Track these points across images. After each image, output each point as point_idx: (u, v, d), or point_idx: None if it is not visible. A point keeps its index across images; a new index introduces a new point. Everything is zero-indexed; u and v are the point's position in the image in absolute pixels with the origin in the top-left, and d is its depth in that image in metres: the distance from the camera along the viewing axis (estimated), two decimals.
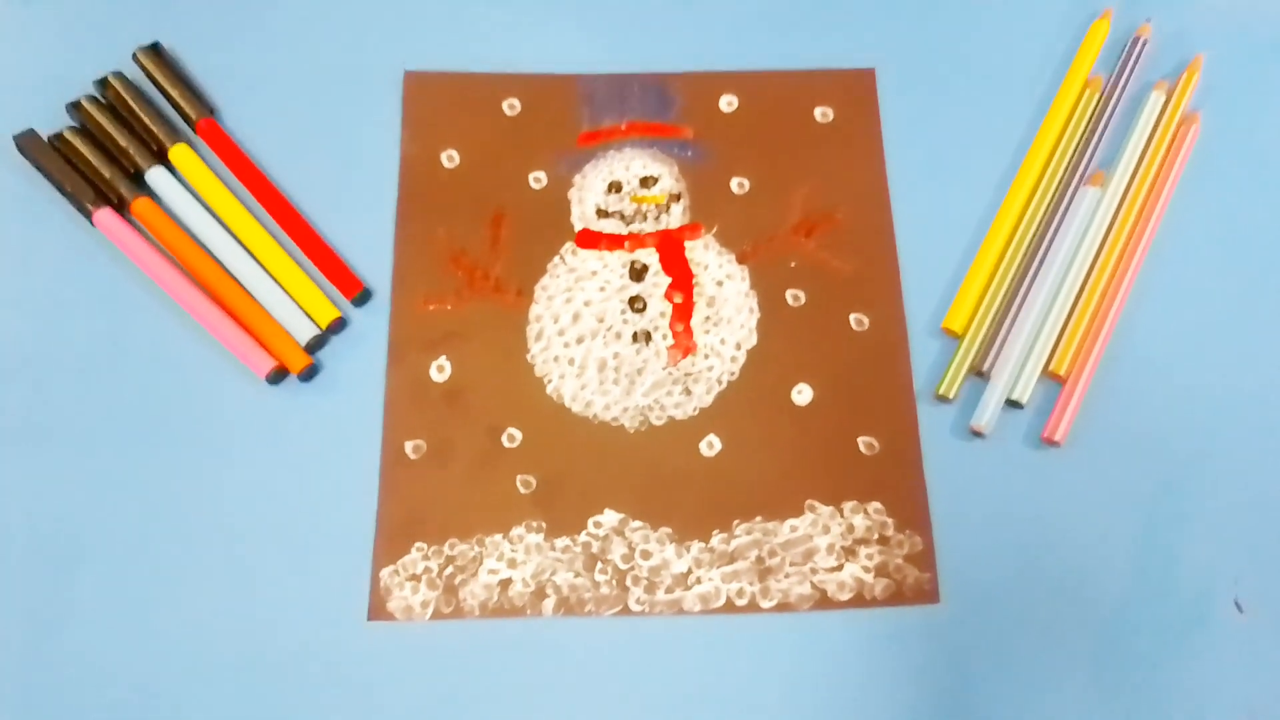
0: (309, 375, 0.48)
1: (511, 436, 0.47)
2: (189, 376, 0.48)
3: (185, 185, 0.52)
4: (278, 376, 0.48)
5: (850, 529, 0.46)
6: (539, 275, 0.50)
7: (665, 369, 0.49)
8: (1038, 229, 0.51)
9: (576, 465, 0.47)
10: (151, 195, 0.51)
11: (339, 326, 0.49)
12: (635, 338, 0.49)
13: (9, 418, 0.47)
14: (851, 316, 0.50)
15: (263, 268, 0.50)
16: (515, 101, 0.54)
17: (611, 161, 0.53)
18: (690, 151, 0.53)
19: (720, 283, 0.50)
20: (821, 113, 0.54)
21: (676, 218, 0.52)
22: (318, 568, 0.45)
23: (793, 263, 0.51)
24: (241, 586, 0.44)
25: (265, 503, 0.46)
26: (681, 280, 0.50)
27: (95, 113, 0.52)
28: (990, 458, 0.47)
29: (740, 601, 0.45)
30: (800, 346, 0.49)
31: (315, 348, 0.49)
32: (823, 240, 0.51)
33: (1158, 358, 0.49)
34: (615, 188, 0.52)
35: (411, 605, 0.44)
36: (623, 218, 0.52)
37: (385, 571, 0.45)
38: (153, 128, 0.52)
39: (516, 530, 0.46)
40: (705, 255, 0.51)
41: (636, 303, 0.50)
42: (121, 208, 0.51)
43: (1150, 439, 0.47)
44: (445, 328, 0.49)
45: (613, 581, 0.45)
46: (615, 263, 0.51)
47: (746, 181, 0.53)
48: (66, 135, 0.51)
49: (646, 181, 0.53)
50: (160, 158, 0.52)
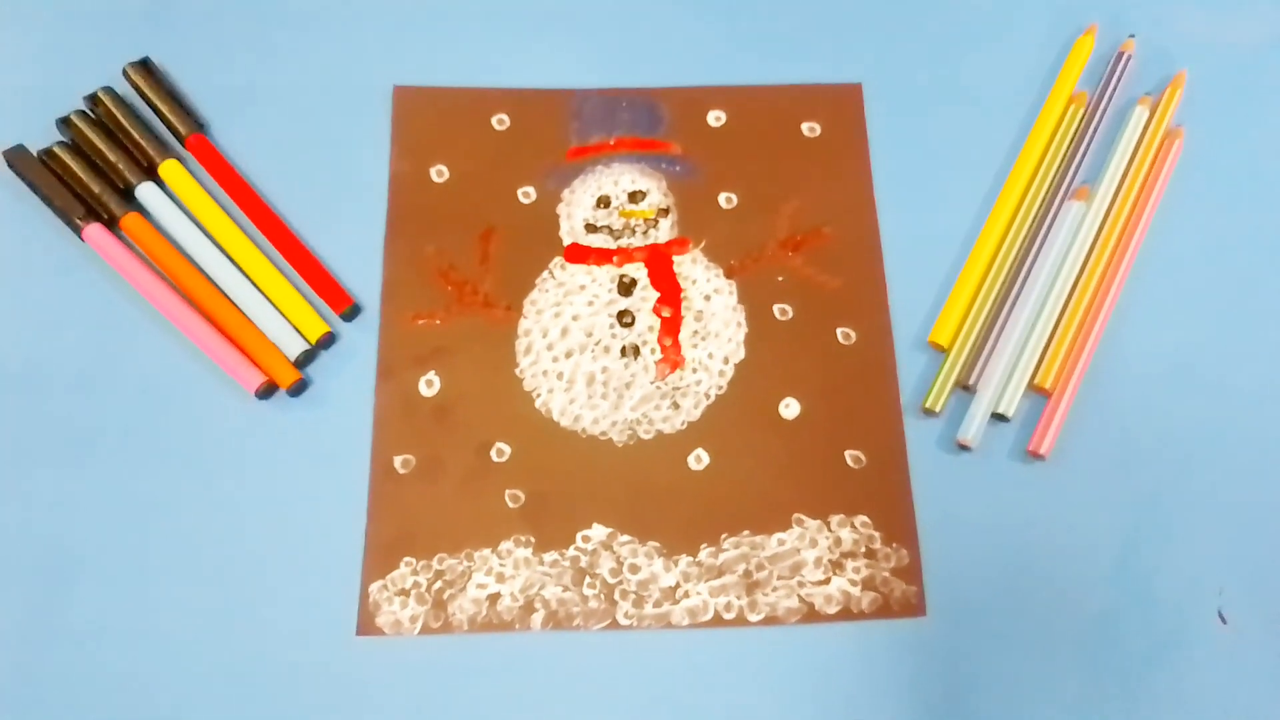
0: (298, 390, 0.48)
1: (500, 451, 0.48)
2: (178, 392, 0.48)
3: (175, 201, 0.52)
4: (267, 391, 0.48)
5: (837, 542, 0.46)
6: (528, 290, 0.51)
7: (653, 383, 0.49)
8: (1023, 243, 0.51)
9: (565, 480, 0.47)
10: (141, 211, 0.51)
11: (328, 342, 0.49)
12: (624, 352, 0.49)
13: None
14: (839, 331, 0.50)
15: (252, 283, 0.50)
16: (504, 117, 0.54)
17: (600, 176, 0.53)
18: (678, 166, 0.53)
19: (708, 297, 0.51)
20: (809, 128, 0.54)
21: (665, 232, 0.52)
22: (307, 582, 0.45)
23: (780, 277, 0.51)
24: (230, 601, 0.45)
25: (254, 517, 0.46)
26: (670, 295, 0.51)
27: (85, 128, 0.52)
28: (976, 471, 0.47)
29: (728, 615, 0.45)
30: (787, 361, 0.49)
31: (304, 363, 0.49)
32: (810, 255, 0.52)
33: (1142, 371, 0.49)
34: (604, 202, 0.53)
35: (400, 620, 0.44)
36: (611, 232, 0.52)
37: (374, 586, 0.45)
38: (143, 143, 0.52)
39: (505, 545, 0.46)
40: (693, 270, 0.51)
41: (625, 317, 0.50)
42: (111, 223, 0.51)
43: (1134, 452, 0.47)
44: (434, 343, 0.49)
45: (601, 596, 0.45)
46: (604, 277, 0.51)
47: (734, 196, 0.53)
48: (56, 150, 0.51)
49: (635, 196, 0.53)
50: (150, 173, 0.52)
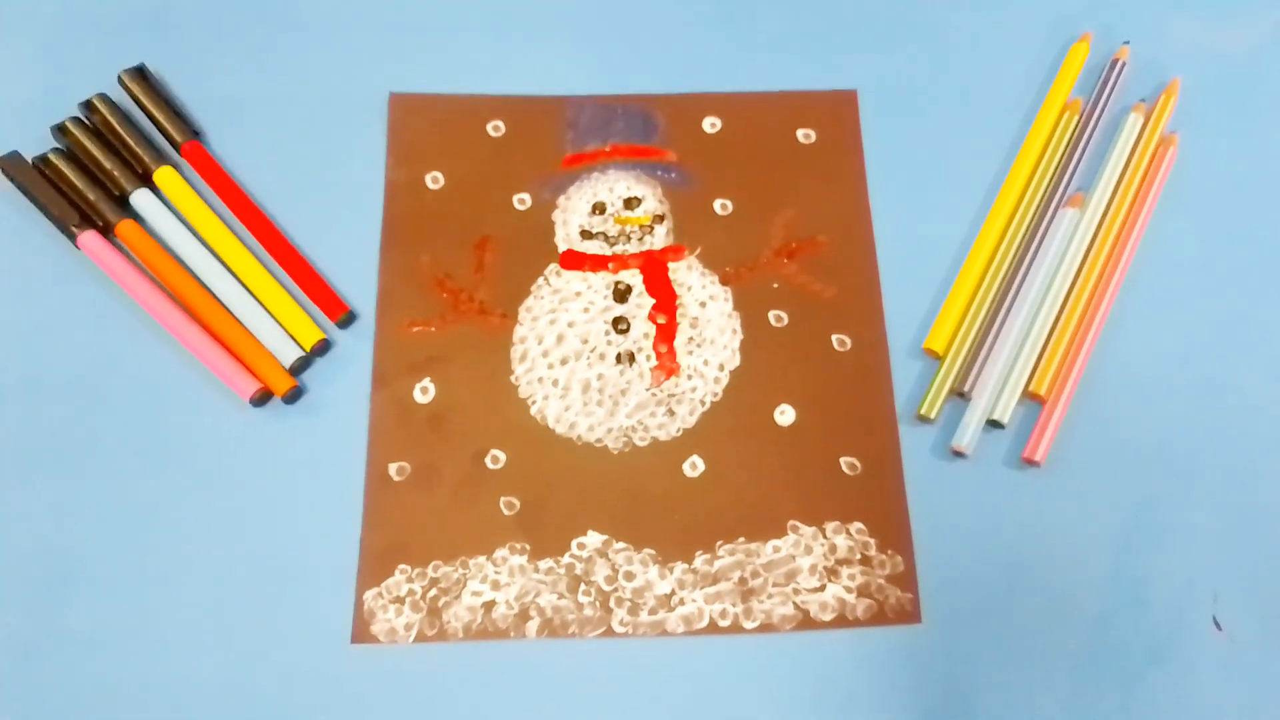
0: (293, 398, 0.48)
1: (495, 458, 0.48)
2: (173, 399, 0.48)
3: (170, 208, 0.52)
4: (262, 399, 0.48)
5: (832, 549, 0.46)
6: (523, 297, 0.51)
7: (649, 390, 0.49)
8: (1018, 250, 0.52)
9: (560, 487, 0.47)
10: (136, 218, 0.51)
11: (323, 349, 0.49)
12: (619, 359, 0.49)
13: None
14: (834, 337, 0.50)
15: (247, 290, 0.50)
16: (500, 124, 0.54)
17: (596, 183, 0.53)
18: (674, 173, 0.54)
19: (703, 304, 0.51)
20: (804, 134, 0.54)
21: (660, 239, 0.52)
22: (301, 590, 0.45)
23: (775, 284, 0.51)
24: (225, 609, 0.44)
25: (249, 525, 0.46)
26: (665, 301, 0.51)
27: (80, 135, 0.52)
28: (971, 478, 0.47)
29: (723, 622, 0.45)
30: (783, 367, 0.49)
31: (299, 370, 0.49)
32: (805, 262, 0.52)
33: (1136, 378, 0.49)
34: (599, 209, 0.53)
35: (395, 628, 0.44)
36: (607, 239, 0.52)
37: (369, 594, 0.45)
38: (138, 150, 0.52)
39: (500, 552, 0.46)
40: (689, 276, 0.51)
41: (620, 324, 0.50)
42: (106, 231, 0.51)
43: (1129, 458, 0.47)
44: (429, 350, 0.49)
45: (596, 603, 0.45)
46: (599, 284, 0.51)
47: (729, 203, 0.53)
48: (51, 158, 0.51)
49: (630, 203, 0.53)
50: (145, 180, 0.52)
